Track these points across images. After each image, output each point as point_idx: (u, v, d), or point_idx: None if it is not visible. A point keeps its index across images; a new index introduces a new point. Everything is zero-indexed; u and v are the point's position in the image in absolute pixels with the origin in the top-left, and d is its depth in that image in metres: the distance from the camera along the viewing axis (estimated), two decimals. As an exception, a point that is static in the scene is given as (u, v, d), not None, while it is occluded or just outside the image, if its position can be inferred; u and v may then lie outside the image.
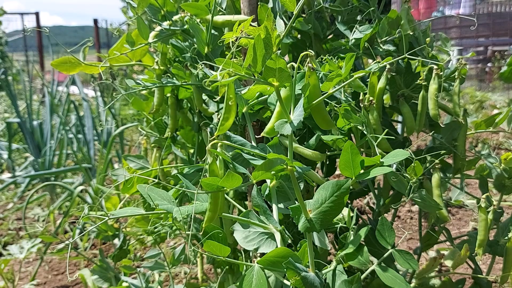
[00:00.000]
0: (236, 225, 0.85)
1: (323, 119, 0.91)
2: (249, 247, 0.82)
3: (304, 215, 0.77)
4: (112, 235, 1.54)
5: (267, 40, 0.74)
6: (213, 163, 0.80)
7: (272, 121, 0.88)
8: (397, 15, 1.14)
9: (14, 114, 4.45)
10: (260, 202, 0.82)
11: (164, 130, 1.35)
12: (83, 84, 5.15)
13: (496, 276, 1.15)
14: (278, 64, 0.74)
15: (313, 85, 0.85)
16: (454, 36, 8.32)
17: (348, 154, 0.78)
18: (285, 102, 0.83)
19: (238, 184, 0.75)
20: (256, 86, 0.82)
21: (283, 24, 0.80)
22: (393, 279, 0.86)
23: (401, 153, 0.83)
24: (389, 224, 0.94)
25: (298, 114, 0.78)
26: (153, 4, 1.20)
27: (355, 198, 1.35)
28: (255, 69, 0.75)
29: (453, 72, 1.16)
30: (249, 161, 0.83)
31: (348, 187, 0.75)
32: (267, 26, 0.75)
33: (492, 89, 7.29)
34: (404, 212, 2.75)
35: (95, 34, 10.39)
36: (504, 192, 1.19)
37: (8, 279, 2.06)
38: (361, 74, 0.85)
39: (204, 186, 0.76)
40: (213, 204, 0.81)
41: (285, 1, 0.80)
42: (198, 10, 1.11)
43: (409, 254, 0.91)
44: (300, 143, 1.14)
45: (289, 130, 0.77)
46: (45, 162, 3.41)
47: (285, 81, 0.76)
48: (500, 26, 8.66)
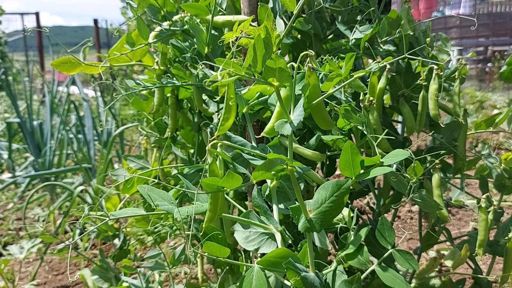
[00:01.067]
0: (236, 226, 0.85)
1: (323, 119, 0.91)
2: (250, 248, 0.82)
3: (304, 215, 0.77)
4: (112, 235, 1.54)
5: (267, 40, 0.74)
6: (213, 163, 0.80)
7: (272, 121, 0.88)
8: (397, 15, 1.14)
9: (14, 114, 4.45)
10: (260, 203, 0.82)
11: (164, 130, 1.35)
12: (83, 84, 5.15)
13: (496, 276, 1.15)
14: (278, 64, 0.74)
15: (313, 85, 0.85)
16: (454, 36, 8.32)
17: (348, 154, 0.78)
18: (285, 102, 0.83)
19: (238, 184, 0.75)
20: (256, 86, 0.82)
21: (283, 24, 0.80)
22: (393, 279, 0.86)
23: (401, 153, 0.83)
24: (389, 224, 0.94)
25: (298, 114, 0.78)
26: (153, 4, 1.20)
27: (355, 198, 1.35)
28: (255, 69, 0.75)
29: (453, 72, 1.16)
30: (249, 161, 0.83)
31: (348, 187, 0.76)
32: (267, 26, 0.75)
33: (492, 89, 7.29)
34: (404, 212, 2.75)
35: (95, 34, 10.39)
36: (504, 192, 1.19)
37: (8, 279, 2.06)
38: (361, 74, 0.85)
39: (204, 186, 0.76)
40: (213, 205, 0.81)
41: (285, 1, 0.80)
42: (198, 11, 1.11)
43: (409, 254, 0.91)
44: (300, 143, 1.14)
45: (289, 130, 0.77)
46: (45, 162, 3.41)
47: (285, 81, 0.76)
48: (500, 26, 8.66)
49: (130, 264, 1.50)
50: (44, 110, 4.32)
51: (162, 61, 1.28)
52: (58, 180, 3.33)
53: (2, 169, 3.86)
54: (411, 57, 0.88)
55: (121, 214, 0.83)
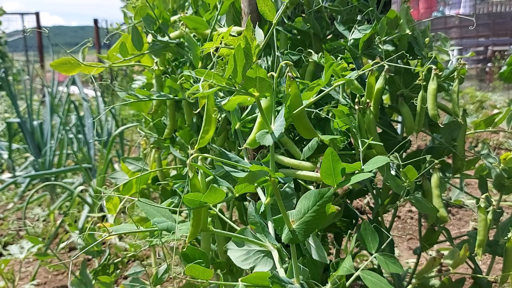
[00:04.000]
0: (230, 244, 0.83)
1: (305, 128, 0.90)
2: (245, 266, 0.80)
3: (287, 226, 0.76)
4: (97, 251, 1.51)
5: (247, 50, 0.73)
6: (194, 177, 0.78)
7: (254, 131, 0.87)
8: (396, 15, 1.13)
9: (15, 114, 4.45)
10: (257, 219, 0.80)
11: (163, 131, 1.35)
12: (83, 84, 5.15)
13: (496, 276, 1.15)
14: (258, 74, 0.73)
15: (294, 94, 0.84)
16: (454, 36, 8.32)
17: (329, 162, 0.77)
18: (266, 113, 0.82)
19: (221, 199, 0.74)
20: (236, 97, 0.80)
21: (262, 34, 0.79)
22: (377, 283, 0.85)
23: (381, 160, 0.84)
24: (371, 228, 0.93)
25: (279, 124, 0.77)
26: (150, 14, 1.19)
27: (355, 198, 1.35)
28: (235, 80, 0.74)
29: (453, 72, 1.15)
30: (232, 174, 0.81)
31: (330, 196, 0.74)
32: (247, 36, 0.74)
33: (492, 89, 7.29)
34: (404, 212, 2.75)
35: (95, 34, 10.38)
36: (503, 192, 1.19)
37: (8, 279, 2.06)
38: (358, 74, 0.85)
39: (186, 202, 0.74)
40: (196, 220, 0.79)
41: (265, 10, 0.79)
42: (198, 24, 1.10)
43: (393, 257, 0.90)
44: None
45: (271, 141, 0.76)
46: (45, 162, 3.41)
47: (265, 91, 0.75)
48: (500, 26, 8.65)
49: (109, 281, 1.45)
50: (44, 110, 4.32)
51: (161, 62, 1.28)
52: (58, 180, 3.33)
53: (2, 169, 3.86)
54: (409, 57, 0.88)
55: (119, 230, 0.81)
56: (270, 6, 0.78)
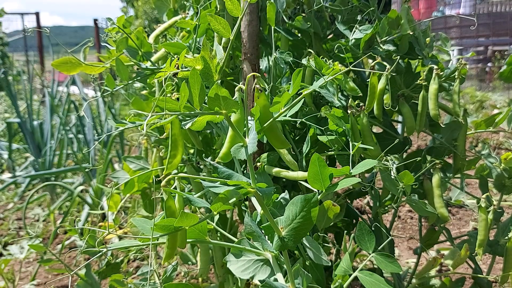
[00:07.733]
0: (229, 256, 0.83)
1: (277, 139, 0.89)
2: (245, 276, 0.79)
3: (277, 233, 0.76)
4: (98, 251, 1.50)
5: (207, 70, 0.72)
6: (169, 199, 0.77)
7: (226, 145, 0.86)
8: (397, 15, 1.13)
9: (15, 114, 4.45)
10: (254, 228, 0.80)
11: (163, 130, 1.35)
12: (83, 84, 5.15)
13: (496, 276, 1.15)
14: (221, 93, 0.72)
15: (263, 106, 0.83)
16: (454, 36, 8.32)
17: (316, 167, 0.77)
18: (237, 126, 0.81)
19: (195, 221, 0.73)
20: (202, 117, 0.79)
21: (222, 51, 0.78)
22: (374, 283, 0.85)
23: (369, 163, 0.84)
24: (367, 229, 0.93)
25: (253, 137, 0.77)
26: (131, 46, 1.19)
27: (355, 198, 1.35)
28: (193, 105, 0.73)
29: (453, 72, 1.15)
30: (209, 189, 0.80)
31: (316, 201, 0.74)
32: (205, 56, 0.73)
33: (492, 89, 7.29)
34: (404, 212, 2.75)
35: (95, 34, 10.38)
36: (504, 192, 1.19)
37: (9, 279, 2.06)
38: (308, 91, 0.85)
39: (160, 228, 0.73)
40: (171, 241, 0.78)
41: (219, 28, 0.79)
42: (179, 49, 1.09)
43: (391, 257, 0.90)
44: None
45: (244, 155, 0.76)
46: (45, 162, 3.41)
47: (232, 107, 0.75)
48: (500, 26, 8.65)
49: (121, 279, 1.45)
50: (44, 110, 4.32)
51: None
52: (58, 180, 3.33)
53: (2, 169, 3.86)
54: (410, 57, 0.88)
55: (118, 245, 0.81)
56: (224, 24, 0.78)
